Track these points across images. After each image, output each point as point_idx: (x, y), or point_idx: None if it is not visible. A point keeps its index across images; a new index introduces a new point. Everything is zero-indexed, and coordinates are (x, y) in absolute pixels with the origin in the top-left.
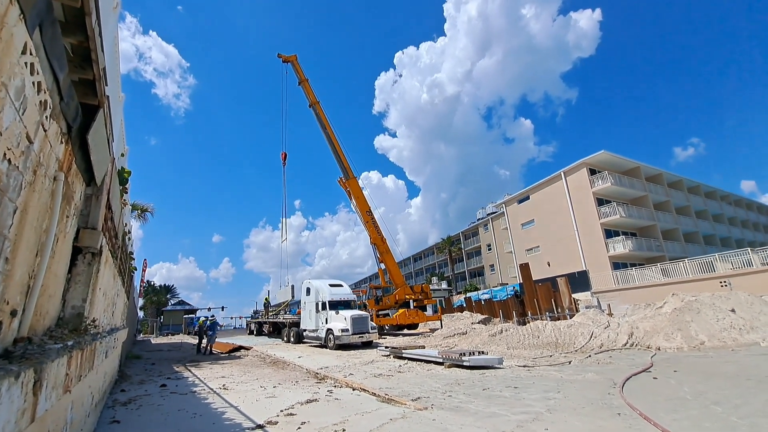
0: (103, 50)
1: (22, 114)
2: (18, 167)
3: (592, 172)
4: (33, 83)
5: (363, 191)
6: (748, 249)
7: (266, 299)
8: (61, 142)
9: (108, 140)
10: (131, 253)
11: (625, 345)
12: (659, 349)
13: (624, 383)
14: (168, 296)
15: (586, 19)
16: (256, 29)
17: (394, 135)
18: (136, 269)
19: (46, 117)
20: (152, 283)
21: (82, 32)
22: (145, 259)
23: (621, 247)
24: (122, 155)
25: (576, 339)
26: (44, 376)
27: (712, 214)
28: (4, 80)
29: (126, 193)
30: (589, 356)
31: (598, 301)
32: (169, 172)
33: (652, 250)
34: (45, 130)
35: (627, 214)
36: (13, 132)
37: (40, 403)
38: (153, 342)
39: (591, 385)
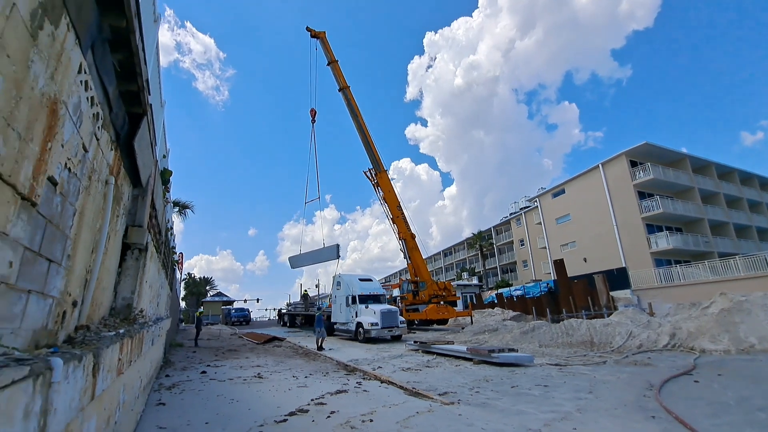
0: (146, 63)
1: (79, 127)
2: (76, 174)
3: (633, 164)
4: (87, 98)
5: (393, 185)
6: None
7: (305, 291)
8: (111, 149)
9: (152, 144)
10: (173, 247)
11: (666, 346)
12: (704, 351)
13: (662, 385)
14: (207, 288)
15: None
16: (287, 16)
17: (425, 124)
18: (177, 262)
19: (99, 127)
20: (192, 275)
21: (127, 48)
22: (181, 253)
23: (664, 242)
24: (164, 156)
25: (613, 338)
26: (101, 361)
27: None
28: (64, 99)
29: (168, 191)
30: (627, 356)
31: (639, 300)
32: (207, 165)
33: (699, 246)
34: (98, 139)
35: (671, 208)
36: (72, 144)
37: (98, 384)
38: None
39: (626, 387)
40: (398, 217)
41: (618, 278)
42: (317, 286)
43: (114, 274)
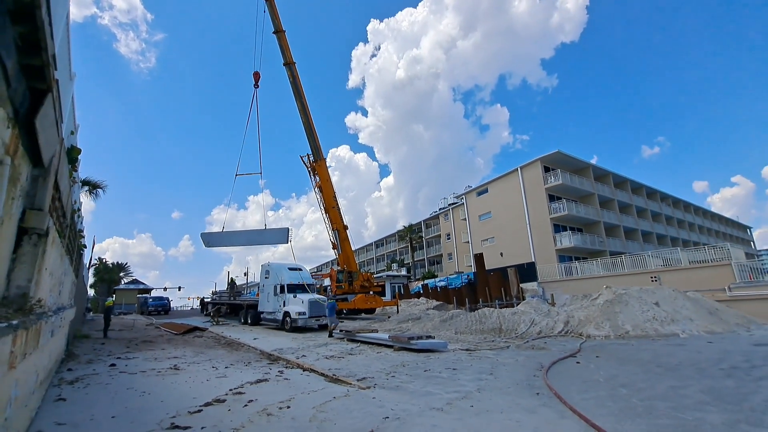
0: (52, 37)
1: None
2: None
3: (546, 169)
4: None
5: (330, 174)
6: (678, 248)
7: (232, 278)
8: (8, 127)
9: (57, 122)
10: (81, 230)
11: (561, 332)
12: (589, 336)
13: (550, 367)
14: (121, 274)
15: (573, 2)
16: None
17: (366, 114)
18: (85, 247)
19: None
20: (104, 260)
21: (32, 22)
22: (93, 236)
23: (567, 241)
24: (72, 133)
25: (518, 326)
26: None
27: (652, 214)
28: None
29: (75, 170)
30: (527, 342)
31: (543, 291)
32: (126, 139)
33: (595, 245)
34: None
35: (575, 210)
36: None
37: None
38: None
39: (521, 368)
40: (333, 208)
41: (528, 271)
42: (246, 274)
43: (7, 262)
